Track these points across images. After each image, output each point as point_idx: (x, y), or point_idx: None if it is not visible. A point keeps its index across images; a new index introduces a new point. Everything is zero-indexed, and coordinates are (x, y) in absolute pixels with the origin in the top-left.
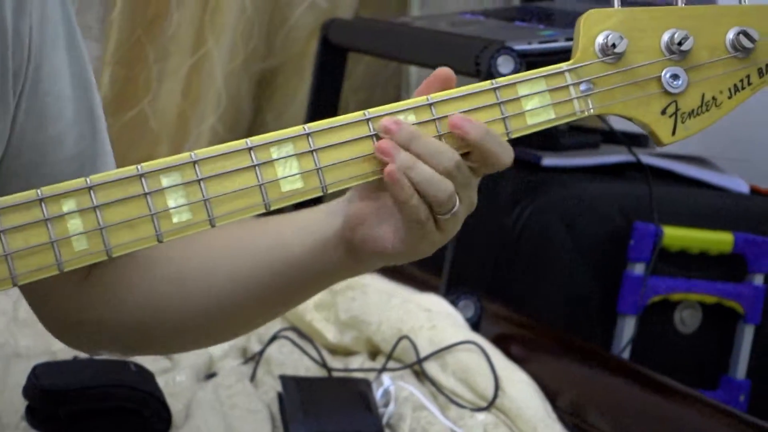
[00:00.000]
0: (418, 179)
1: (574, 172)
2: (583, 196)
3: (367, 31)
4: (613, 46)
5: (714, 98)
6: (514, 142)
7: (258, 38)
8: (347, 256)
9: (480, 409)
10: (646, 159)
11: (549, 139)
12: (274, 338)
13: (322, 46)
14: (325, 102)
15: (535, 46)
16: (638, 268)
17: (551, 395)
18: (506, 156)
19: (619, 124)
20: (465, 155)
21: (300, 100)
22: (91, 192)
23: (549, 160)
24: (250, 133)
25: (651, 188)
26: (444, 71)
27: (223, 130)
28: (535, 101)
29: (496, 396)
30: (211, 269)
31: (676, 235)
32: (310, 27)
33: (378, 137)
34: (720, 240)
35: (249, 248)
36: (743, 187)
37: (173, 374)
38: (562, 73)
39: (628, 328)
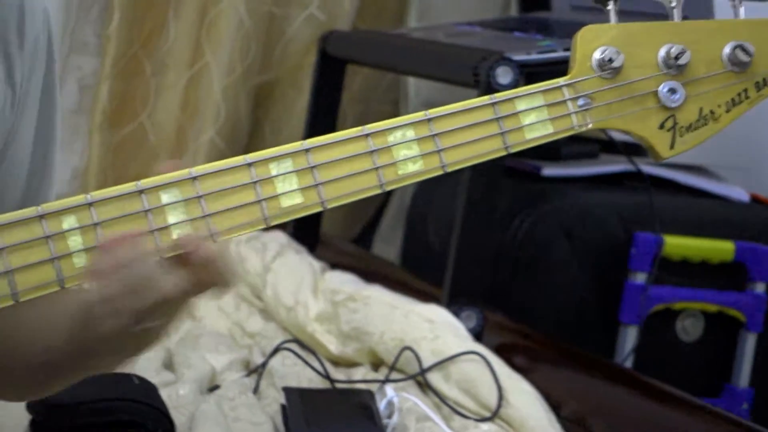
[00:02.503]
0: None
1: (574, 182)
2: (584, 205)
3: (365, 43)
4: (610, 61)
5: (712, 112)
6: (515, 152)
7: (255, 51)
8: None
9: (484, 420)
10: (646, 168)
11: (548, 149)
12: (276, 350)
13: (321, 58)
14: (323, 114)
15: (534, 56)
16: (640, 278)
17: (555, 405)
18: (225, 286)
19: (618, 134)
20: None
21: (298, 113)
22: (92, 209)
23: (549, 170)
24: (248, 146)
25: (651, 197)
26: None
27: (222, 144)
28: (533, 116)
29: (499, 406)
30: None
31: (677, 244)
32: (308, 40)
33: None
34: (721, 249)
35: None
36: (743, 196)
37: (176, 387)
38: (559, 88)
39: (630, 337)
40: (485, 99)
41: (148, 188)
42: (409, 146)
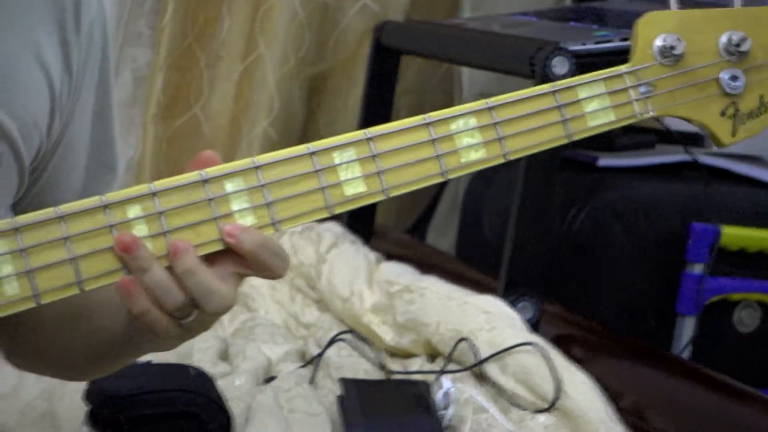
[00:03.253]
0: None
1: (630, 173)
2: (640, 196)
3: (420, 34)
4: (672, 48)
5: None
6: (570, 143)
7: (309, 42)
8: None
9: (541, 411)
10: (703, 158)
11: (604, 139)
12: (332, 341)
13: (375, 49)
14: (377, 105)
15: (590, 46)
16: (697, 269)
17: (613, 396)
18: (281, 268)
19: (675, 124)
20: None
21: (352, 104)
22: (155, 198)
23: (605, 161)
24: (302, 138)
25: (708, 188)
26: (206, 155)
27: (276, 135)
28: (595, 104)
29: (557, 397)
30: (70, 327)
31: (734, 235)
32: (361, 30)
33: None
34: None
35: (93, 313)
36: None
37: (232, 378)
38: (621, 75)
39: (687, 328)
40: (546, 87)
41: (212, 177)
42: (471, 134)
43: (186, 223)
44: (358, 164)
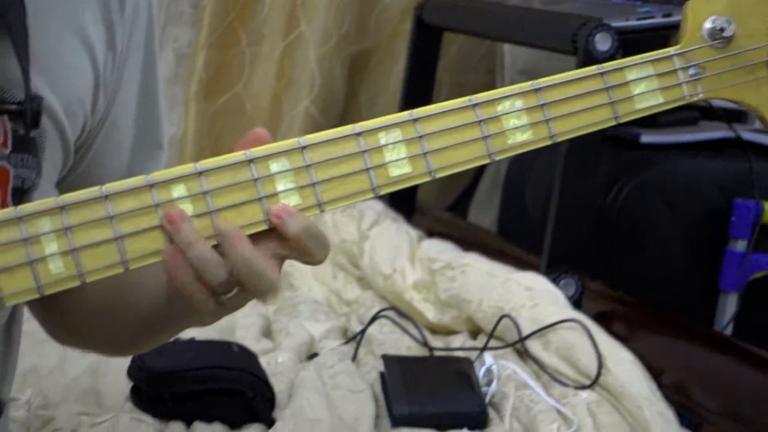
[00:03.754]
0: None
1: (673, 149)
2: (683, 173)
3: (461, 11)
4: (721, 30)
5: None
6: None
7: (350, 20)
8: (172, 309)
9: (584, 387)
10: (746, 135)
11: (647, 116)
12: (375, 318)
13: (417, 26)
14: (419, 83)
15: (633, 22)
16: (739, 245)
17: (655, 373)
18: (322, 254)
19: (718, 101)
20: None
21: (394, 82)
22: (201, 177)
23: (647, 138)
24: (344, 115)
25: (751, 164)
26: (257, 132)
27: (317, 113)
28: (642, 86)
29: (599, 374)
30: (115, 304)
31: None
32: (402, 8)
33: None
34: None
35: (136, 290)
36: None
37: (275, 355)
38: (670, 57)
39: (730, 305)
40: (593, 69)
41: (258, 157)
42: (518, 116)
43: (231, 203)
44: (403, 145)
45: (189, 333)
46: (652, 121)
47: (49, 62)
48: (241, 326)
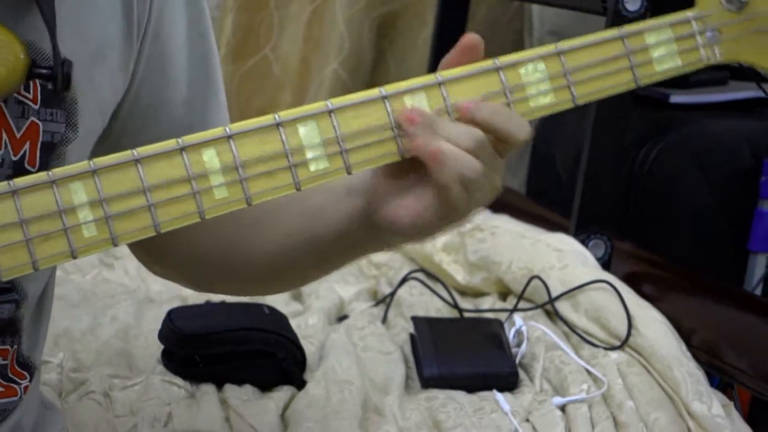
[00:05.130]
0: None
1: (703, 109)
2: (712, 133)
3: None
4: None
5: None
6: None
7: None
8: (369, 233)
9: (613, 348)
10: None
11: (677, 76)
12: (404, 280)
13: None
14: (448, 45)
15: None
16: None
17: (685, 334)
18: (520, 133)
19: None
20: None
21: (422, 44)
22: (231, 141)
23: (677, 98)
24: (372, 78)
25: None
26: (469, 38)
27: (346, 75)
28: (662, 50)
29: (629, 335)
30: (273, 222)
31: None
32: None
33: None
34: None
35: (301, 212)
36: None
37: (305, 317)
38: (688, 21)
39: (759, 265)
40: (614, 32)
41: (286, 120)
42: (540, 80)
43: (263, 170)
44: (427, 108)
45: (219, 296)
46: (682, 82)
47: (78, 5)
48: None
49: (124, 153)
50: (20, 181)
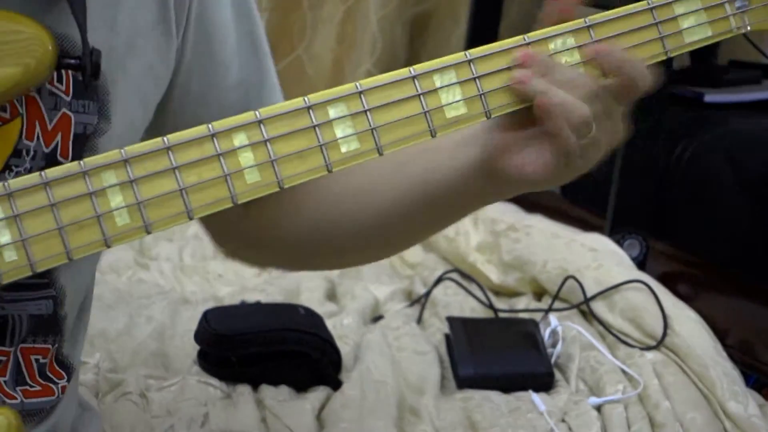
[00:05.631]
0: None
1: (737, 108)
2: (746, 132)
3: None
4: None
5: None
6: (676, 80)
7: None
8: (488, 183)
9: (649, 348)
10: None
11: (710, 75)
12: (439, 280)
13: None
14: (481, 44)
15: None
16: None
17: (720, 333)
18: (643, 81)
19: None
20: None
21: (455, 44)
22: (261, 125)
23: (711, 97)
24: None
25: None
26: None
27: None
28: (691, 20)
29: (665, 335)
30: (374, 188)
31: None
32: None
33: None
34: None
35: (406, 171)
36: None
37: (341, 317)
38: None
39: None
40: (643, 4)
41: (316, 103)
42: (570, 53)
43: (292, 151)
44: (458, 87)
45: (254, 296)
46: (715, 81)
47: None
48: (306, 289)
49: (154, 140)
50: (52, 172)
